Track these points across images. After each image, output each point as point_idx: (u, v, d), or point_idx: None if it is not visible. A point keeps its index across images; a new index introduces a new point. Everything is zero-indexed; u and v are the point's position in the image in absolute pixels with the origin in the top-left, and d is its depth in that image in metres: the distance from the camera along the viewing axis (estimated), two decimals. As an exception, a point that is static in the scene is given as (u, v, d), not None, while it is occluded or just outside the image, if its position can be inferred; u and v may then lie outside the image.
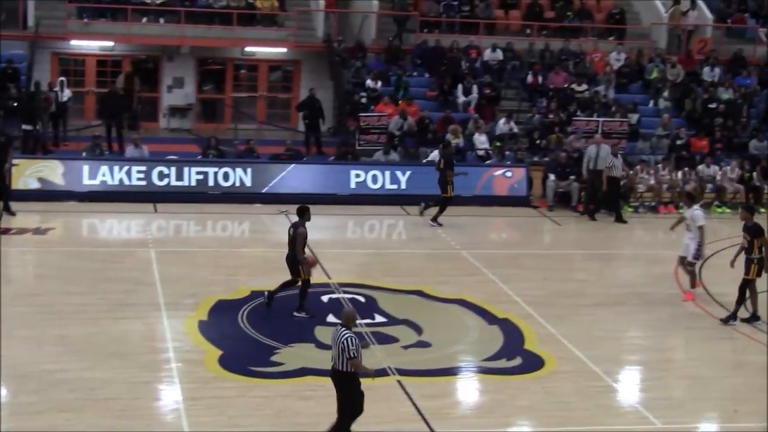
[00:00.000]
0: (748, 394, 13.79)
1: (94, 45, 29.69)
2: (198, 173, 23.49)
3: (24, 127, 24.89)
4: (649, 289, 18.07)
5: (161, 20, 29.63)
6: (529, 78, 29.54)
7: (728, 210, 25.14)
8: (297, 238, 15.62)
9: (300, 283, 15.87)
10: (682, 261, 17.80)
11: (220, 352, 14.19)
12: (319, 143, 27.83)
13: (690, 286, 17.48)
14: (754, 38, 33.34)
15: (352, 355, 11.10)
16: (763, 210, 25.04)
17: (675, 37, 33.14)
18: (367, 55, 29.81)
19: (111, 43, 29.61)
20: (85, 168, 23.11)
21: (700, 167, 25.57)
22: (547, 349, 14.94)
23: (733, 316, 16.44)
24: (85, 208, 22.24)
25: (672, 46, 33.01)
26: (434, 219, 22.14)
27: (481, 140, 26.45)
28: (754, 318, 16.46)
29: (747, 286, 16.40)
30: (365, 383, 11.41)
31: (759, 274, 16.37)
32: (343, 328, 11.27)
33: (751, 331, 16.28)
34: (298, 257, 15.65)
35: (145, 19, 29.52)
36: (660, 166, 25.11)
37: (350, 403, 11.38)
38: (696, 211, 17.41)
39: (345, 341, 11.11)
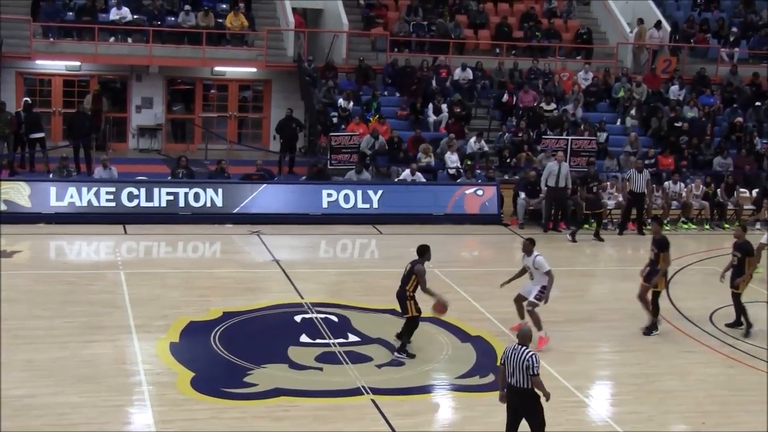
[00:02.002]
0: (714, 406, 14.01)
1: (60, 65, 29.62)
2: (168, 194, 23.41)
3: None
4: (618, 305, 18.21)
5: (129, 40, 29.61)
6: (505, 97, 29.74)
7: (694, 226, 25.40)
8: (417, 275, 15.04)
9: (405, 321, 15.30)
10: (519, 299, 16.23)
11: (192, 374, 14.13)
12: (292, 163, 27.87)
13: (537, 329, 15.70)
14: (716, 58, 33.77)
15: (536, 372, 11.20)
16: (727, 226, 25.38)
17: (639, 56, 33.53)
18: (337, 75, 29.92)
19: (78, 63, 29.56)
20: (53, 189, 22.93)
21: (667, 184, 25.82)
22: (519, 367, 14.99)
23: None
24: (53, 230, 22.09)
25: (637, 65, 33.37)
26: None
27: (452, 159, 26.59)
28: (653, 328, 16.76)
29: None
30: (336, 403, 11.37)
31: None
32: (522, 347, 11.31)
33: (718, 344, 16.46)
34: (427, 293, 15.18)
35: (112, 39, 29.48)
36: (627, 182, 25.30)
37: (539, 419, 11.41)
38: (538, 258, 15.86)
39: (531, 359, 11.18)
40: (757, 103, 31.33)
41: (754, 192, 26.64)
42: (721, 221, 25.75)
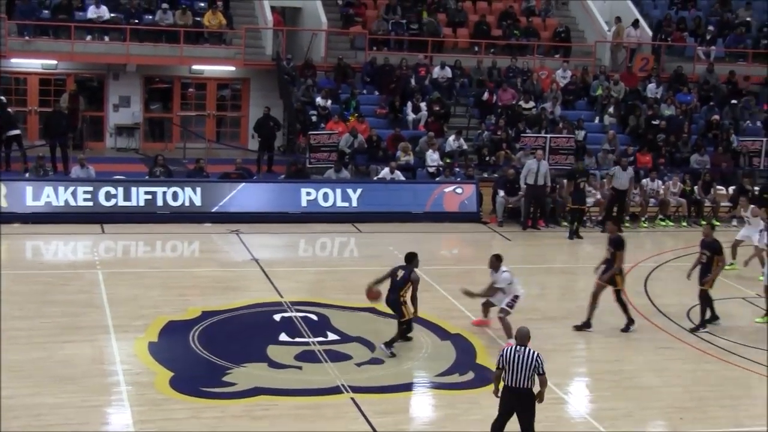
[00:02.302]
0: (691, 402, 14.10)
1: (36, 63, 29.43)
2: (146, 193, 23.32)
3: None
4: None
5: (106, 38, 29.44)
6: (485, 95, 29.80)
7: (671, 223, 25.52)
8: (414, 283, 15.17)
9: (400, 324, 15.40)
10: (487, 303, 16.48)
11: (171, 374, 14.09)
12: (271, 161, 27.82)
13: (507, 336, 15.69)
14: (693, 56, 33.94)
15: (544, 371, 11.31)
16: (704, 222, 25.51)
17: (617, 55, 33.66)
18: (316, 73, 29.88)
19: (54, 62, 29.38)
20: (29, 189, 22.78)
21: (645, 181, 25.92)
22: (498, 364, 15.04)
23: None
24: (30, 230, 21.95)
25: (615, 63, 33.50)
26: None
27: (433, 157, 26.62)
28: (586, 326, 16.79)
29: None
30: (315, 402, 11.39)
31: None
32: (524, 348, 11.31)
33: (695, 340, 16.56)
34: (413, 299, 15.34)
35: (89, 37, 29.28)
36: (605, 180, 25.39)
37: (533, 416, 11.46)
38: (504, 274, 15.97)
39: (538, 358, 11.27)
40: (734, 101, 31.50)
41: (731, 189, 26.78)
42: (698, 218, 25.88)
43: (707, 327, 17.03)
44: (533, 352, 11.30)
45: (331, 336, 15.95)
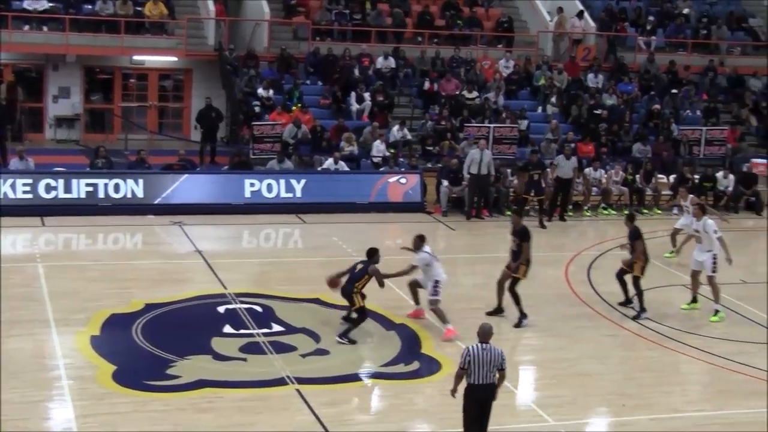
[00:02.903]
0: (633, 388, 14.25)
1: (-27, 54, 28.99)
2: (87, 185, 23.06)
3: None
4: (540, 290, 18.38)
5: (45, 28, 29.04)
6: (426, 85, 29.85)
7: (613, 212, 25.78)
8: (375, 275, 15.55)
9: (355, 311, 15.63)
10: (414, 284, 16.58)
11: (113, 368, 13.95)
12: (214, 153, 27.64)
13: (443, 323, 16.01)
14: (634, 46, 34.27)
15: (504, 367, 11.32)
16: (646, 211, 25.84)
17: (559, 45, 33.90)
18: (259, 64, 29.74)
19: (-9, 52, 28.96)
20: (-33, 182, 22.45)
21: (587, 170, 26.14)
22: (443, 353, 15.11)
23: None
24: (-31, 224, 21.64)
25: (557, 53, 33.73)
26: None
27: (380, 148, 26.62)
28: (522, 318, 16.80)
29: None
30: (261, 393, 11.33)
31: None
32: (488, 345, 11.27)
33: (638, 327, 16.76)
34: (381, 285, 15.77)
35: (27, 27, 28.87)
36: (549, 170, 25.56)
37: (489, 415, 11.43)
38: (422, 254, 16.02)
39: (503, 354, 11.26)
40: (674, 91, 31.87)
41: (672, 178, 27.11)
42: (640, 207, 26.16)
43: (646, 312, 17.20)
44: (500, 349, 11.31)
45: (276, 327, 15.91)
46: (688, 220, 20.90)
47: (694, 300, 17.85)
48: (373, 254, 15.81)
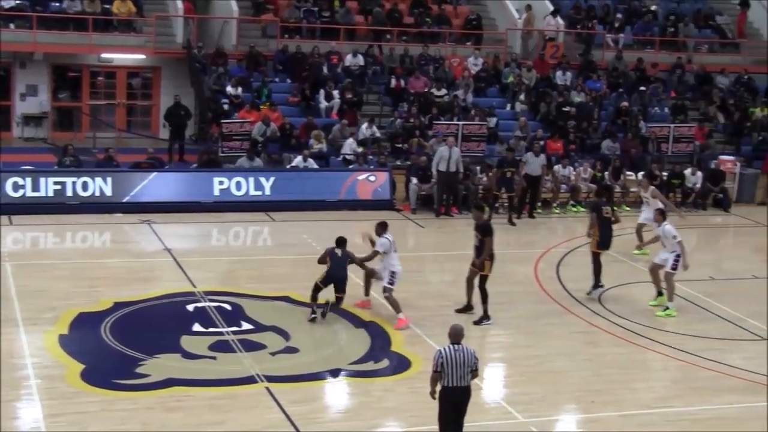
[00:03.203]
0: (602, 385, 14.36)
1: (-63, 51, 28.68)
2: (55, 183, 22.90)
3: None
4: (509, 288, 18.47)
5: (11, 26, 28.76)
6: (392, 82, 29.87)
7: (582, 209, 25.89)
8: (353, 258, 16.54)
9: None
10: (369, 275, 16.96)
11: (82, 366, 13.90)
12: (182, 150, 27.54)
13: (396, 312, 16.36)
14: (602, 44, 34.44)
15: (477, 368, 11.32)
16: (615, 208, 25.91)
17: (528, 42, 34.01)
18: (228, 62, 29.65)
19: (-44, 50, 28.68)
20: (-67, 181, 22.23)
21: (556, 168, 26.25)
22: (413, 350, 15.15)
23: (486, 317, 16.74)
24: (-64, 222, 21.45)
25: (526, 51, 33.83)
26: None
27: (353, 146, 26.62)
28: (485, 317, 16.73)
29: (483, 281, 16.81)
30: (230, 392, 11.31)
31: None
32: (461, 346, 11.22)
33: (607, 324, 16.85)
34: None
35: (-7, 25, 28.69)
36: (523, 166, 25.58)
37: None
38: (382, 239, 16.48)
39: (476, 356, 11.23)
40: (642, 88, 32.04)
41: (640, 175, 27.23)
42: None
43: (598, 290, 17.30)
44: (472, 350, 11.28)
45: (245, 325, 15.88)
46: (649, 212, 21.03)
47: (660, 294, 17.97)
48: (344, 242, 16.55)
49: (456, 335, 11.31)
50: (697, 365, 15.25)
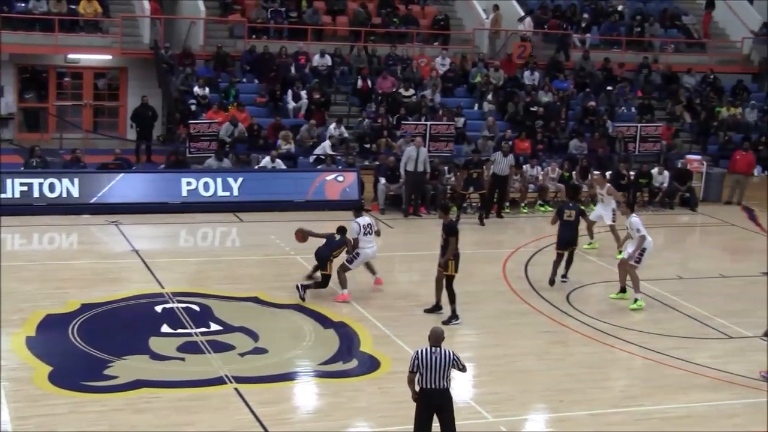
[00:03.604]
0: (571, 384, 14.40)
1: None
2: (22, 185, 22.71)
3: None
4: (478, 287, 18.53)
5: (-23, 27, 28.60)
6: (359, 83, 29.89)
7: (550, 208, 25.96)
8: (348, 244, 17.54)
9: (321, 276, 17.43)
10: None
11: (49, 369, 13.81)
12: (150, 151, 27.41)
13: (342, 287, 17.35)
14: (569, 44, 34.59)
15: (464, 366, 11.33)
16: (582, 207, 26.04)
17: (495, 42, 34.12)
18: (195, 62, 29.54)
19: None
20: None
21: (524, 167, 26.34)
22: (382, 351, 15.16)
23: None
24: None
25: (493, 51, 33.93)
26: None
27: (326, 147, 26.60)
28: (453, 317, 16.64)
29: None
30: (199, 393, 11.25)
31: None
32: (438, 348, 11.18)
33: (575, 324, 16.92)
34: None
35: (-41, 26, 28.43)
36: (484, 167, 25.66)
37: (453, 414, 11.30)
38: (353, 223, 17.76)
39: (456, 356, 11.20)
40: (609, 88, 32.24)
41: (608, 174, 27.37)
42: (576, 203, 26.32)
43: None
44: (450, 352, 11.23)
45: (214, 326, 15.83)
46: (601, 209, 21.12)
47: (623, 290, 18.10)
48: (344, 230, 17.58)
49: (435, 338, 11.31)
50: (665, 364, 15.35)
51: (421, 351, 11.18)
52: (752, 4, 37.96)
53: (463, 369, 11.34)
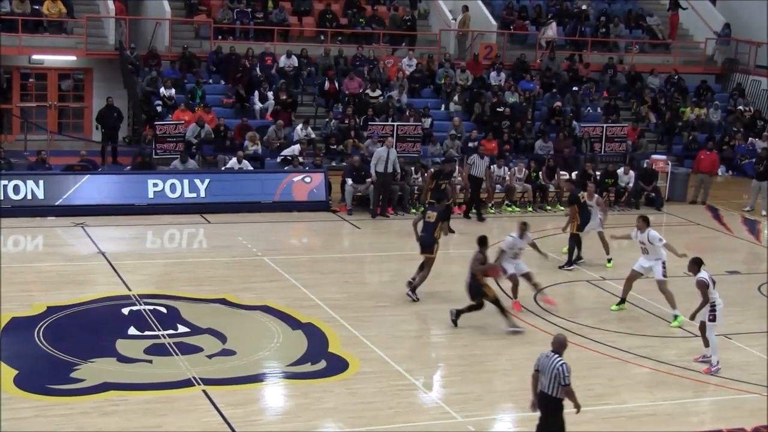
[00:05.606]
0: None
1: None
2: (-14, 187, 22.56)
3: None
4: (445, 287, 18.54)
5: (-61, 27, 28.30)
6: (326, 84, 29.86)
7: (517, 209, 26.07)
8: (472, 264, 16.44)
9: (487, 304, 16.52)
10: None
11: (15, 372, 13.70)
12: (116, 153, 27.25)
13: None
14: (535, 44, 34.76)
15: (567, 383, 11.23)
16: (549, 208, 26.20)
17: (463, 43, 34.22)
18: (161, 63, 29.40)
19: None
20: None
21: (492, 168, 26.37)
22: (350, 351, 15.16)
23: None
24: None
25: (461, 51, 34.02)
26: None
27: (296, 148, 26.56)
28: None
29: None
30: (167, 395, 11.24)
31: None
32: (555, 355, 11.31)
33: (543, 324, 16.99)
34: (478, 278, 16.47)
35: None
36: (461, 169, 25.69)
37: (556, 426, 11.39)
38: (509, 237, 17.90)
39: (561, 368, 11.22)
40: (575, 88, 32.44)
41: (574, 174, 27.52)
42: (543, 203, 26.52)
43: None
44: (559, 361, 11.33)
45: (182, 328, 15.77)
46: (594, 220, 21.14)
47: (623, 301, 18.13)
48: (485, 242, 16.91)
49: (556, 344, 11.61)
50: (632, 362, 15.46)
51: (542, 353, 11.58)
52: (715, 5, 38.29)
53: (565, 386, 11.34)
